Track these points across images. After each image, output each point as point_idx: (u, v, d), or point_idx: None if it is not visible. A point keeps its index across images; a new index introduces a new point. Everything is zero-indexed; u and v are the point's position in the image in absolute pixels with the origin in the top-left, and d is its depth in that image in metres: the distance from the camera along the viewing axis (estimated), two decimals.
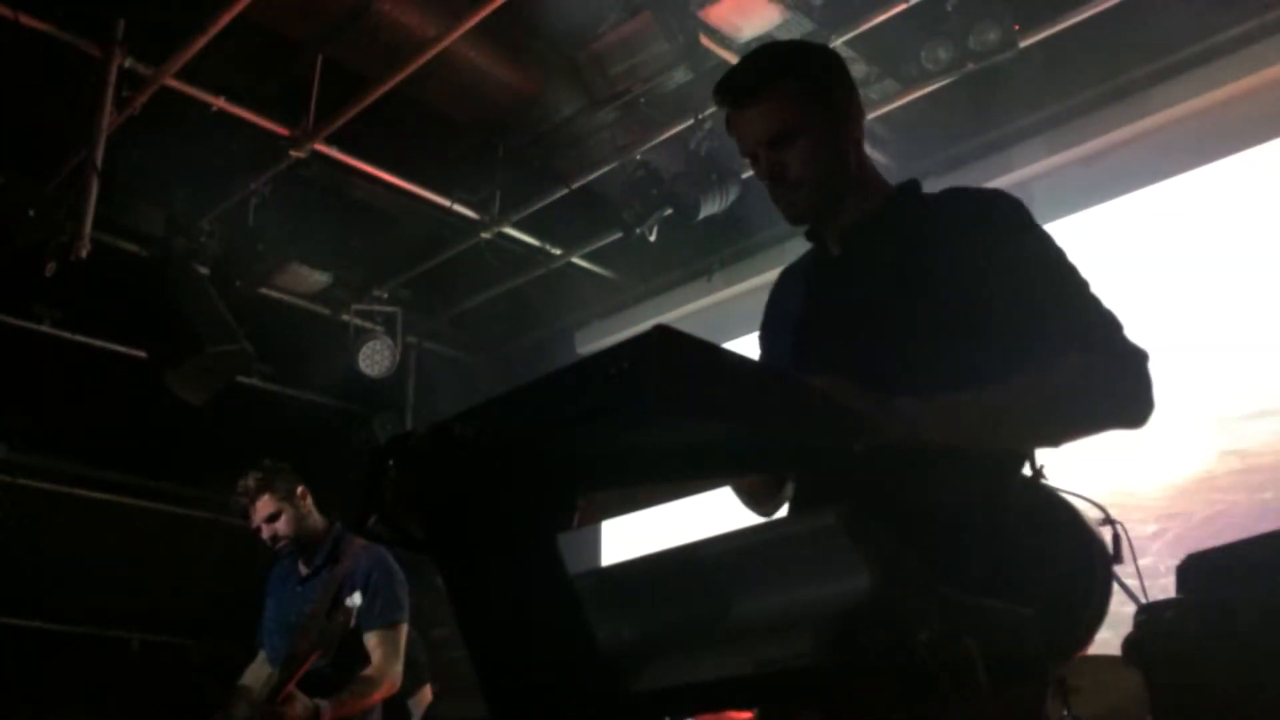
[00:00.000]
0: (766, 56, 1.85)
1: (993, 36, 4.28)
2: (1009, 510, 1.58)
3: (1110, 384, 1.56)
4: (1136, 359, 1.58)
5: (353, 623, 3.49)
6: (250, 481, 3.76)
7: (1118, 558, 1.51)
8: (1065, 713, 2.68)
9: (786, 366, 1.83)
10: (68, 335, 5.98)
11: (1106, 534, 1.52)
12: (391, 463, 1.26)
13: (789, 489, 1.81)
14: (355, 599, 3.55)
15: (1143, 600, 1.61)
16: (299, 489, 3.80)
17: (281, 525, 3.74)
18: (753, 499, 1.86)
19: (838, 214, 1.82)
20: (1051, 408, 1.56)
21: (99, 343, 6.08)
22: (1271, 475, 4.12)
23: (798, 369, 1.80)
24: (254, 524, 3.78)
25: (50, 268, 4.91)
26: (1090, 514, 1.58)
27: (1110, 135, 4.83)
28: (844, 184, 1.80)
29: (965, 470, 1.54)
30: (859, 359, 1.67)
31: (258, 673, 3.85)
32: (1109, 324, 1.61)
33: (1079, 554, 1.50)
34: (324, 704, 3.42)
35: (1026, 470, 1.66)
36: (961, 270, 1.64)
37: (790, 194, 1.80)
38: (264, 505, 3.74)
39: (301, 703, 3.38)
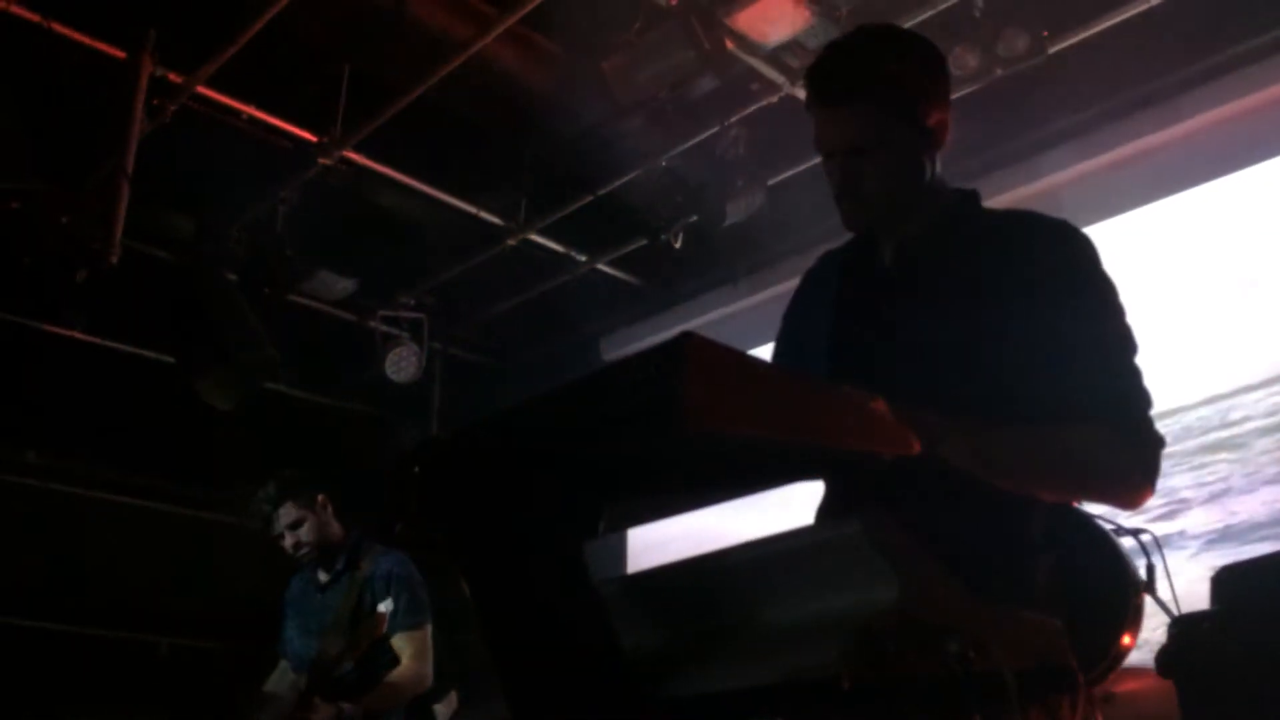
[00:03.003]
0: (869, 53, 1.72)
1: (1021, 43, 4.26)
2: (1038, 528, 1.57)
3: (1124, 467, 1.56)
4: (1155, 447, 1.58)
5: (384, 628, 3.50)
6: (271, 489, 3.76)
7: (1150, 586, 1.50)
8: None
9: (817, 368, 1.81)
10: (98, 341, 6.04)
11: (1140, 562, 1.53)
12: (417, 468, 1.26)
13: None
14: (387, 605, 3.56)
15: (1175, 612, 1.58)
16: (320, 496, 3.81)
17: (305, 532, 3.75)
18: None
19: (899, 223, 1.76)
20: (1063, 471, 1.57)
21: (129, 348, 6.13)
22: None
23: (832, 376, 1.78)
24: (275, 531, 3.78)
25: (82, 274, 4.96)
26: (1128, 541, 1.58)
27: (1139, 142, 4.79)
28: (915, 199, 1.74)
29: (995, 488, 1.53)
30: (896, 377, 1.65)
31: (281, 680, 3.86)
32: (1142, 403, 1.59)
33: (1109, 576, 1.49)
34: (347, 707, 3.43)
35: None
36: (1013, 304, 1.61)
37: (856, 206, 1.73)
38: (287, 512, 3.74)
39: (324, 711, 3.39)
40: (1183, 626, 1.44)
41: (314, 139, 5.15)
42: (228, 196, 5.61)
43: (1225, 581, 1.51)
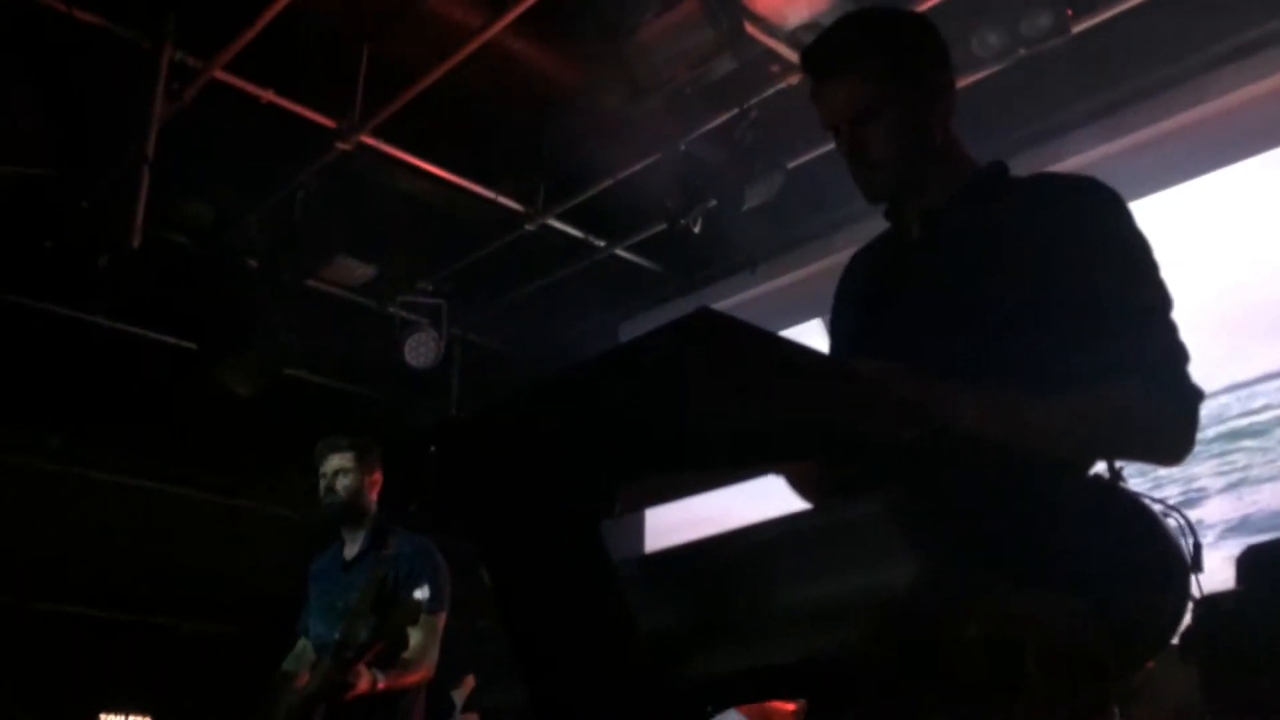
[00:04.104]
0: (856, 26, 1.77)
1: (1044, 22, 4.21)
2: (1074, 506, 1.54)
3: (1162, 423, 1.54)
4: (1193, 401, 1.55)
5: (420, 616, 3.52)
6: (344, 438, 3.88)
7: (1197, 565, 1.47)
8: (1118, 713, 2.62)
9: (850, 349, 1.80)
10: (119, 326, 6.07)
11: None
12: (433, 448, 1.26)
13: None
14: (424, 592, 3.59)
15: (1198, 594, 1.56)
16: (377, 472, 3.90)
17: (342, 483, 3.83)
18: (804, 486, 1.82)
19: (919, 193, 1.76)
20: (1100, 431, 1.54)
21: (150, 334, 6.16)
22: None
23: (861, 352, 1.77)
24: (323, 470, 3.87)
25: (102, 260, 4.99)
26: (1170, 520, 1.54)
27: (1164, 123, 4.74)
28: (927, 163, 1.74)
29: (1026, 463, 1.50)
30: (925, 347, 1.63)
31: (300, 660, 3.89)
32: (1178, 358, 1.57)
33: (1153, 556, 1.46)
34: (379, 674, 3.48)
35: (1100, 468, 1.62)
36: (1042, 264, 1.59)
37: (870, 173, 1.74)
38: (342, 459, 3.84)
39: (365, 678, 3.44)
40: (1206, 607, 1.43)
41: (332, 124, 5.16)
42: (247, 182, 5.62)
43: (1249, 562, 1.49)
